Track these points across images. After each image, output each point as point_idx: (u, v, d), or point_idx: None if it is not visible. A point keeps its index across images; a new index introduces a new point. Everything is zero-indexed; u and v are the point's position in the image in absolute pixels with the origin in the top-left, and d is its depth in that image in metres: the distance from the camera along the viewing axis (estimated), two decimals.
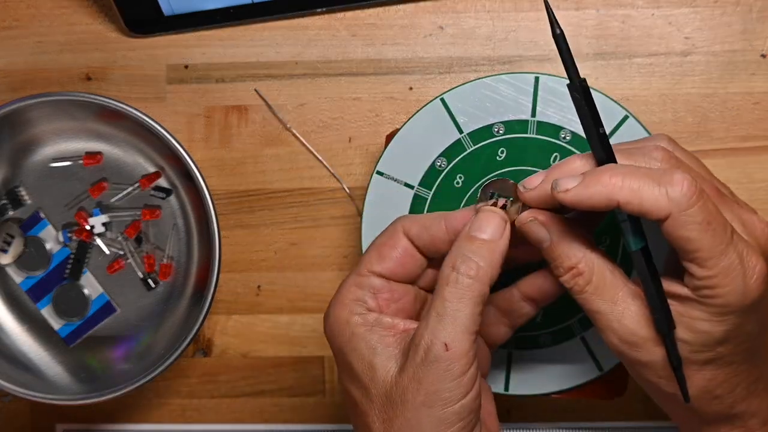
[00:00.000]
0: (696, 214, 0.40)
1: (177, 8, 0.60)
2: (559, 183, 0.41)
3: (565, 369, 0.56)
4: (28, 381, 0.59)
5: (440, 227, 0.45)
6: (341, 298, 0.46)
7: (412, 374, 0.42)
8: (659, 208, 0.40)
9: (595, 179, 0.41)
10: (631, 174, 0.40)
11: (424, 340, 0.42)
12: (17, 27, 0.62)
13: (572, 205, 0.41)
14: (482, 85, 0.56)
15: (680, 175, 0.40)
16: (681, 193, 0.40)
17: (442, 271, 0.43)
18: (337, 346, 0.45)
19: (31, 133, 0.60)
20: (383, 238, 0.47)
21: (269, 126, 0.61)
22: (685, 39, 0.59)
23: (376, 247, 0.46)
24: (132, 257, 0.61)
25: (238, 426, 0.62)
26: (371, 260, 0.46)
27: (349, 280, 0.46)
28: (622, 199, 0.40)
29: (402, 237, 0.46)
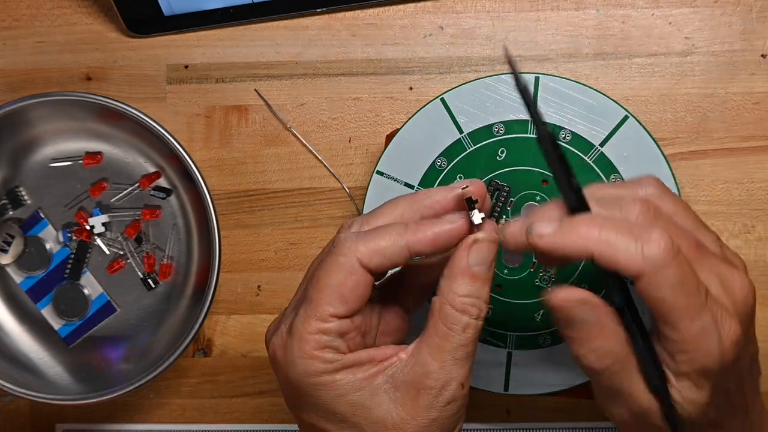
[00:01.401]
0: (670, 275, 0.38)
1: (177, 8, 0.60)
2: (534, 227, 0.40)
3: (565, 369, 0.56)
4: (28, 381, 0.59)
5: (403, 254, 0.42)
6: (307, 349, 0.42)
7: (426, 415, 0.42)
8: (633, 265, 0.38)
9: (571, 228, 0.39)
10: (609, 226, 0.39)
11: (440, 383, 0.42)
12: (17, 27, 0.62)
13: (546, 252, 0.40)
14: (482, 85, 0.56)
15: (657, 233, 0.38)
16: (656, 253, 0.38)
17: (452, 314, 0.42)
18: (315, 396, 0.43)
19: (31, 133, 0.60)
20: (339, 278, 0.41)
21: (269, 126, 0.61)
22: (685, 39, 0.59)
23: (333, 289, 0.42)
24: (132, 257, 0.61)
25: (238, 426, 0.62)
26: (332, 303, 0.42)
27: (308, 327, 0.42)
28: (596, 252, 0.39)
29: (362, 273, 0.42)
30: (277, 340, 0.43)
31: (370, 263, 0.42)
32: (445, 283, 0.42)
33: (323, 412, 0.43)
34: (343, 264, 0.42)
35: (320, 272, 0.42)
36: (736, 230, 0.59)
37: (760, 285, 0.59)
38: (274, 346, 0.43)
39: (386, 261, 0.42)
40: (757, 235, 0.59)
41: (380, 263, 0.42)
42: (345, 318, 0.42)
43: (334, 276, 0.42)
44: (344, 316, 0.42)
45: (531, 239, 0.40)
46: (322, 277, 0.42)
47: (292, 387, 0.43)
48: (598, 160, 0.55)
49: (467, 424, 0.60)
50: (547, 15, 0.60)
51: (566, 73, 0.59)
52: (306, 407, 0.44)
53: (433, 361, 0.42)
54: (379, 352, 0.43)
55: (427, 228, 0.42)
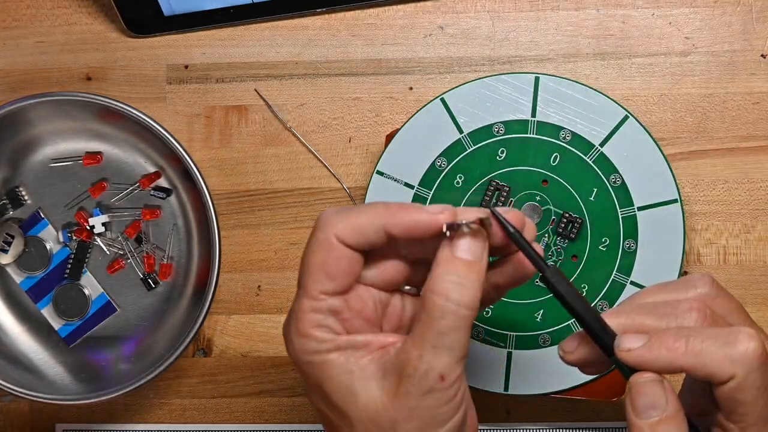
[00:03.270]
0: (757, 378, 0.38)
1: (177, 8, 0.60)
2: (622, 342, 0.40)
3: (565, 369, 0.55)
4: (28, 381, 0.59)
5: (380, 234, 0.41)
6: (301, 327, 0.42)
7: (404, 404, 0.41)
8: (723, 371, 0.38)
9: (659, 342, 0.40)
10: (695, 336, 0.39)
11: (419, 372, 0.41)
12: (17, 27, 0.62)
13: (634, 367, 0.40)
14: (482, 85, 0.56)
15: (746, 335, 0.38)
16: (746, 356, 0.38)
17: (432, 299, 0.40)
18: (311, 375, 0.42)
19: (31, 133, 0.60)
20: (321, 255, 0.41)
21: (269, 126, 0.61)
22: (685, 39, 0.59)
23: (318, 267, 0.41)
24: (132, 257, 0.61)
25: (238, 426, 0.62)
26: (319, 281, 0.41)
27: (302, 306, 0.42)
28: (686, 364, 0.39)
29: (341, 247, 0.41)
30: (284, 324, 0.44)
31: (347, 239, 0.41)
32: (431, 272, 0.41)
33: (319, 394, 0.43)
34: (322, 240, 0.41)
35: (306, 251, 0.42)
36: (736, 230, 0.59)
37: (760, 285, 0.59)
38: (283, 330, 0.44)
39: (362, 239, 0.41)
40: (757, 235, 0.59)
41: (357, 241, 0.41)
42: (336, 295, 0.42)
43: (317, 254, 0.41)
44: (334, 293, 0.42)
45: (619, 353, 0.40)
46: (307, 255, 0.42)
47: (296, 368, 0.43)
48: (598, 160, 0.55)
49: None
50: (547, 15, 0.60)
51: (566, 73, 0.59)
52: (308, 389, 0.44)
53: (413, 349, 0.41)
54: (379, 338, 0.43)
55: (406, 213, 0.41)
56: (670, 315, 0.41)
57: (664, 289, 0.43)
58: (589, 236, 0.55)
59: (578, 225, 0.55)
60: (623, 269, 0.55)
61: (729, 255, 0.59)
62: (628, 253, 0.55)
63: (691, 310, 0.41)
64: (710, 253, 0.59)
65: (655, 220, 0.55)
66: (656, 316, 0.41)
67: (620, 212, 0.55)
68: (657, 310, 0.42)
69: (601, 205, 0.55)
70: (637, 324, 0.41)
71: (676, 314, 0.41)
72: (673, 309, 0.41)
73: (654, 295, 0.43)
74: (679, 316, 0.41)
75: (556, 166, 0.55)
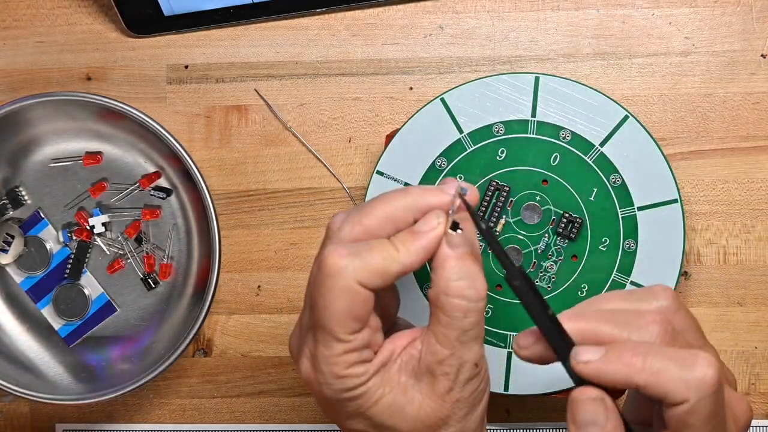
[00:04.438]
0: (709, 404, 0.38)
1: (177, 8, 0.60)
2: (579, 353, 0.40)
3: None
4: (28, 381, 0.59)
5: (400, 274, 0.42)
6: (337, 371, 0.42)
7: (449, 399, 0.43)
8: (677, 394, 0.38)
9: (616, 356, 0.39)
10: (653, 354, 0.39)
11: (454, 368, 0.42)
12: (17, 27, 0.62)
13: (589, 379, 0.40)
14: (482, 85, 0.56)
15: (704, 360, 0.39)
16: (702, 381, 0.38)
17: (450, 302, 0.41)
18: (351, 407, 0.43)
19: (31, 133, 0.60)
20: (346, 302, 0.41)
21: (269, 126, 0.61)
22: (685, 39, 0.59)
23: (345, 314, 0.41)
24: (132, 257, 0.61)
25: (238, 426, 0.62)
26: (347, 325, 0.41)
27: (333, 351, 0.42)
28: (641, 381, 0.39)
29: (364, 292, 0.41)
30: (305, 365, 0.43)
31: (370, 285, 0.41)
32: (435, 274, 0.42)
33: (363, 419, 0.43)
34: (345, 288, 0.41)
35: (325, 298, 0.41)
36: (736, 230, 0.59)
37: (760, 285, 0.59)
38: (306, 371, 0.43)
39: (383, 282, 0.42)
40: (757, 235, 0.59)
41: (377, 285, 0.41)
42: (363, 330, 0.42)
43: (342, 301, 0.41)
44: (361, 329, 0.42)
45: (575, 365, 0.40)
46: (329, 303, 0.41)
47: (330, 403, 0.43)
48: (598, 160, 0.55)
49: None
50: (547, 15, 0.60)
51: (566, 73, 0.59)
52: (347, 417, 0.44)
53: (443, 349, 0.42)
54: (396, 343, 0.44)
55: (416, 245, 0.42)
56: (630, 325, 0.41)
57: (624, 297, 0.43)
58: (589, 236, 0.55)
59: (578, 225, 0.55)
60: (623, 269, 0.55)
61: (729, 255, 0.59)
62: (628, 253, 0.55)
63: (653, 323, 0.41)
64: (710, 253, 0.59)
65: (655, 220, 0.55)
66: (616, 324, 0.41)
67: (620, 212, 0.55)
68: (617, 318, 0.41)
69: (601, 205, 0.55)
70: (595, 330, 0.41)
71: (638, 325, 0.41)
72: (634, 319, 0.41)
73: (614, 302, 0.43)
74: (640, 328, 0.41)
75: (556, 166, 0.55)
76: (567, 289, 0.55)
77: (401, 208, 0.43)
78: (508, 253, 0.42)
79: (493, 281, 0.56)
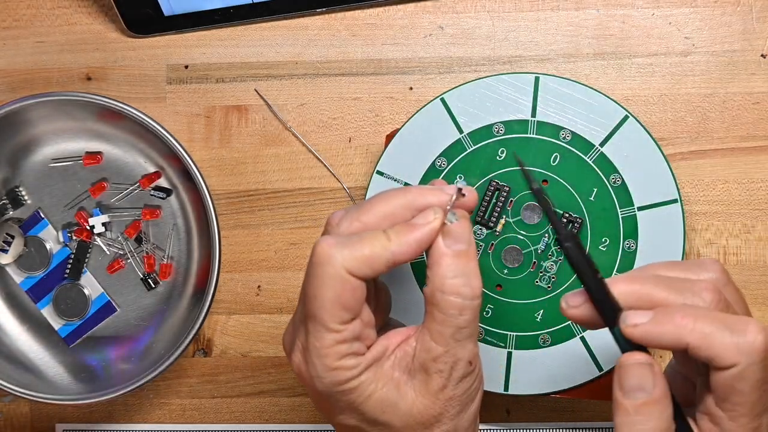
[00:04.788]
0: (758, 371, 0.39)
1: (177, 8, 0.60)
2: (628, 317, 0.40)
3: (565, 369, 0.56)
4: (28, 381, 0.59)
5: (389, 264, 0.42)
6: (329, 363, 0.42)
7: (443, 397, 0.43)
8: (727, 358, 0.39)
9: (666, 318, 0.39)
10: (703, 317, 0.39)
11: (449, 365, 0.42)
12: (17, 27, 0.62)
13: (638, 342, 0.40)
14: (482, 85, 0.56)
15: (755, 326, 0.39)
16: (753, 347, 0.38)
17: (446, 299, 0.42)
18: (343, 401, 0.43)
19: (31, 133, 0.60)
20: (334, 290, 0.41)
21: (269, 126, 0.61)
22: (685, 39, 0.59)
23: (333, 302, 0.42)
24: (132, 257, 0.61)
25: (238, 426, 0.62)
26: (337, 315, 0.42)
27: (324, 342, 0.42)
28: (692, 342, 0.39)
29: (353, 280, 0.42)
30: (297, 358, 0.44)
31: (358, 273, 0.42)
32: (431, 271, 0.42)
33: (356, 414, 0.43)
34: (334, 276, 0.41)
35: (314, 287, 0.42)
36: (736, 230, 0.59)
37: (760, 285, 0.59)
38: (297, 364, 0.44)
39: (371, 272, 0.42)
40: (757, 235, 0.59)
41: (366, 273, 0.42)
42: (354, 320, 0.42)
43: (330, 289, 0.41)
44: (352, 320, 0.42)
45: (624, 329, 0.40)
46: (318, 292, 0.42)
47: (322, 397, 0.43)
48: (598, 160, 0.55)
49: None
50: (547, 15, 0.60)
51: (566, 73, 0.59)
52: (340, 412, 0.44)
53: (438, 346, 0.42)
54: (390, 340, 0.44)
55: (409, 236, 0.42)
56: (684, 291, 0.41)
57: (674, 266, 0.43)
58: (589, 236, 0.55)
59: (578, 225, 0.55)
60: (623, 269, 0.55)
61: (729, 255, 0.59)
62: (628, 253, 0.55)
63: (706, 290, 0.41)
64: (710, 253, 0.59)
65: (655, 220, 0.55)
66: (670, 289, 0.41)
67: (620, 212, 0.55)
68: (670, 283, 0.41)
69: (601, 205, 0.55)
70: (650, 294, 0.41)
71: (692, 292, 0.41)
72: (687, 286, 0.41)
73: (664, 270, 0.43)
74: (694, 294, 0.41)
75: (556, 166, 0.55)
76: (567, 289, 0.55)
77: (400, 206, 0.43)
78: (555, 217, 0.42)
79: (493, 281, 0.56)
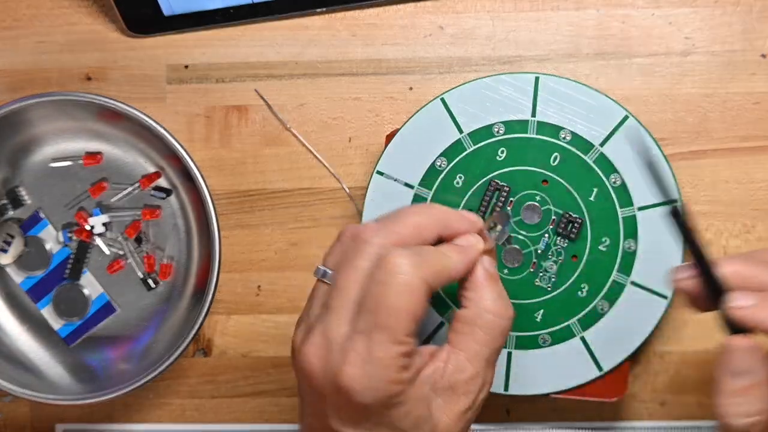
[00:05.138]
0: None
1: (177, 8, 0.60)
2: (735, 297, 0.41)
3: (565, 369, 0.56)
4: (28, 381, 0.59)
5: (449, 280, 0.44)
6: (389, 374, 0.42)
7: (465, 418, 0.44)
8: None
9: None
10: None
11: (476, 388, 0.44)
12: (17, 27, 0.62)
13: (742, 324, 0.40)
14: (482, 85, 0.56)
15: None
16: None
17: (488, 319, 0.44)
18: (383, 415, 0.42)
19: (31, 133, 0.60)
20: (412, 301, 0.42)
21: (269, 126, 0.61)
22: (685, 39, 0.59)
23: (408, 313, 0.42)
24: (132, 257, 0.61)
25: (238, 426, 0.62)
26: (408, 326, 0.42)
27: (390, 353, 0.41)
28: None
29: (426, 292, 0.42)
30: (353, 372, 0.42)
31: (434, 285, 0.42)
32: (476, 293, 0.44)
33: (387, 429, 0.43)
34: (412, 287, 0.42)
35: (389, 297, 0.41)
36: (736, 230, 0.59)
37: None
38: (353, 377, 0.42)
39: (439, 286, 0.43)
40: (757, 235, 0.59)
41: (436, 287, 0.43)
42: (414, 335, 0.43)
43: (406, 300, 0.41)
44: (415, 334, 0.43)
45: (729, 309, 0.41)
46: (394, 302, 0.41)
47: (359, 409, 0.42)
48: (598, 160, 0.55)
49: None
50: (547, 15, 0.60)
51: (566, 73, 0.59)
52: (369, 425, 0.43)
53: (471, 367, 0.43)
54: (422, 357, 0.44)
55: (464, 256, 0.44)
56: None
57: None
58: (589, 236, 0.55)
59: (578, 225, 0.55)
60: (623, 269, 0.55)
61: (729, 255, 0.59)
62: (628, 253, 0.55)
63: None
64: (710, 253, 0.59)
65: (655, 220, 0.55)
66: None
67: (620, 212, 0.55)
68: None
69: (601, 205, 0.55)
70: (756, 276, 0.41)
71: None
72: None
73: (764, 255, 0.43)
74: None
75: (556, 166, 0.55)
76: (567, 289, 0.55)
77: (430, 220, 0.45)
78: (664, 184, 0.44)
79: None
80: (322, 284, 0.45)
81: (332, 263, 0.45)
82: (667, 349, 0.59)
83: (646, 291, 0.55)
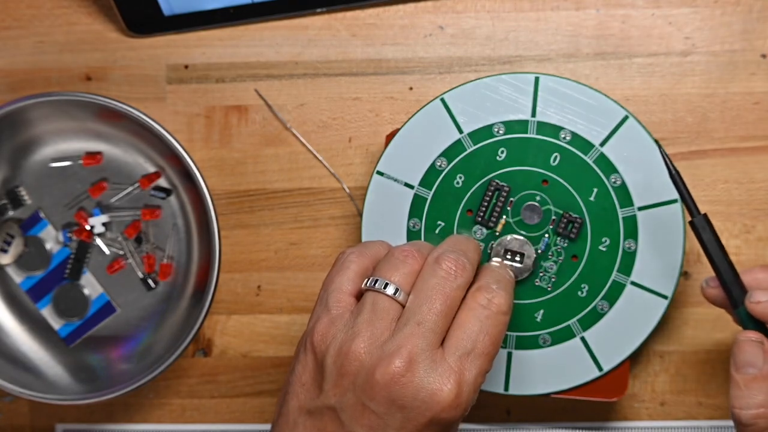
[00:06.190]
0: None
1: (177, 8, 0.60)
2: (754, 294, 0.44)
3: (565, 369, 0.56)
4: (28, 381, 0.59)
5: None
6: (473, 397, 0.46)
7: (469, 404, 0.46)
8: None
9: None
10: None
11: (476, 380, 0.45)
12: (17, 27, 0.62)
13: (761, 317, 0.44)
14: (482, 85, 0.56)
15: None
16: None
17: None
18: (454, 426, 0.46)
19: (31, 133, 0.60)
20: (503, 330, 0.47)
21: (269, 126, 0.61)
22: (685, 39, 0.59)
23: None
24: (132, 257, 0.61)
25: (238, 426, 0.62)
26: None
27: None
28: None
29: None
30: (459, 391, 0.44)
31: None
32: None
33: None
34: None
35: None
36: (736, 230, 0.59)
37: None
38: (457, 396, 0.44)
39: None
40: (757, 235, 0.59)
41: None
42: None
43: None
44: None
45: (748, 304, 0.44)
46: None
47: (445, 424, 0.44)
48: (598, 160, 0.55)
49: (467, 424, 0.61)
50: (547, 15, 0.60)
51: (566, 73, 0.59)
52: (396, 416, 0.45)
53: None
54: None
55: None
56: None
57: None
58: (589, 236, 0.55)
59: (578, 225, 0.55)
60: (623, 269, 0.55)
61: (729, 255, 0.59)
62: (628, 253, 0.55)
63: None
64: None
65: (655, 220, 0.55)
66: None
67: (620, 212, 0.55)
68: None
69: (601, 205, 0.55)
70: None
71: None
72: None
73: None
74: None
75: (556, 166, 0.55)
76: (567, 289, 0.55)
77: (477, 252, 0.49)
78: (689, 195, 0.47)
79: None
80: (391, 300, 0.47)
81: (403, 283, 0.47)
82: (667, 349, 0.59)
83: (646, 291, 0.55)
